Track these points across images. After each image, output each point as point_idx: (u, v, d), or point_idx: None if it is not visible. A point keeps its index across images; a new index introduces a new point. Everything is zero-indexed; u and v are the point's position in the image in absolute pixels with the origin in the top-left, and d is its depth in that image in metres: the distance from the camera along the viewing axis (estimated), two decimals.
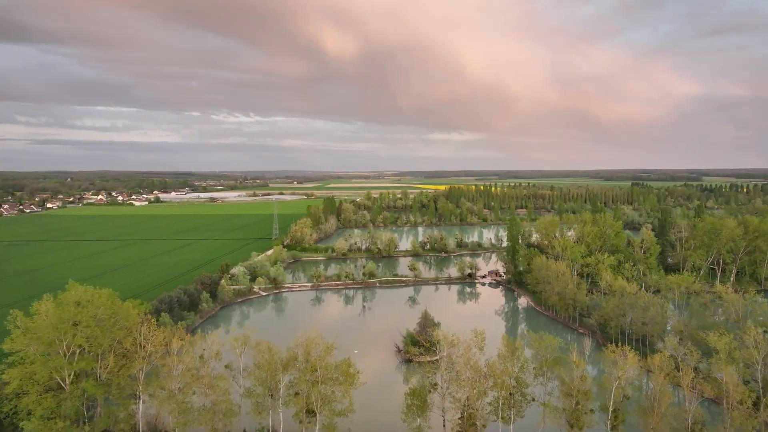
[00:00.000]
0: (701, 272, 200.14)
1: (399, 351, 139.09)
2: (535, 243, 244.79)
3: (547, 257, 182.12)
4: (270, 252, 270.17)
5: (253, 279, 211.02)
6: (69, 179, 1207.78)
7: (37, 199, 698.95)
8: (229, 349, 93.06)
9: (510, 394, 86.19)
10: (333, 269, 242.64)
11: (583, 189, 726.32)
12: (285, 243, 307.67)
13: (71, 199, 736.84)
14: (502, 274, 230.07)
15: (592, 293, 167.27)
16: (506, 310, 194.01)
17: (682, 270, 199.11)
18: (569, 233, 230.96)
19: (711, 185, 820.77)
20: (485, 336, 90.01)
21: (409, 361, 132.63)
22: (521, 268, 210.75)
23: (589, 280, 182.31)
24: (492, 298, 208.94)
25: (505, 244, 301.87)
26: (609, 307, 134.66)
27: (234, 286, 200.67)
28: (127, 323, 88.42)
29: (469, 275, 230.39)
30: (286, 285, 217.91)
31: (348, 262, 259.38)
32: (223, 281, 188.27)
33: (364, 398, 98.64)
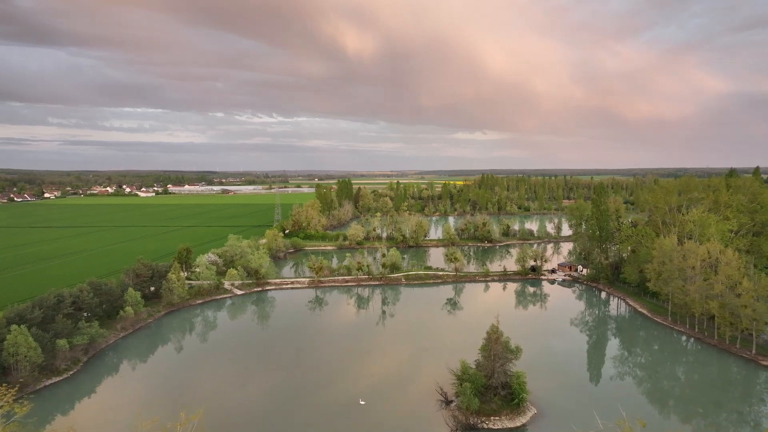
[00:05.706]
0: None
1: (447, 403, 73.59)
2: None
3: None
4: (263, 241, 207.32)
5: (223, 273, 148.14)
6: (90, 176, 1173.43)
7: (39, 189, 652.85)
8: None
9: None
10: (346, 262, 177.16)
11: (630, 180, 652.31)
12: (286, 230, 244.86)
13: (73, 191, 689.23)
14: (580, 267, 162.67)
15: None
16: (592, 320, 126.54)
17: None
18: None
19: None
20: None
21: (471, 428, 67.48)
22: (617, 258, 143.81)
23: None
24: (571, 301, 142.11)
25: (565, 233, 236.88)
26: None
27: (193, 281, 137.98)
28: None
29: (533, 269, 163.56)
30: (273, 280, 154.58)
31: (365, 253, 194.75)
32: (171, 274, 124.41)
33: None
